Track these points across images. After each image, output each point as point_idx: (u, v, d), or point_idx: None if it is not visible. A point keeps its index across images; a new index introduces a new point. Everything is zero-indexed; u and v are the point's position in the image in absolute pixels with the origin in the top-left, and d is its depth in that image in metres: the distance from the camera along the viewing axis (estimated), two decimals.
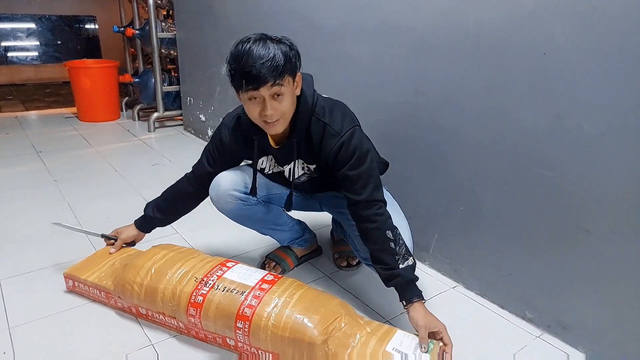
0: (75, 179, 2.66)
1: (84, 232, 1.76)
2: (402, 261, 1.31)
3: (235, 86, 1.21)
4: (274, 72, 1.16)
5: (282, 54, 1.18)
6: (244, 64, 1.15)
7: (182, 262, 1.42)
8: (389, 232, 1.32)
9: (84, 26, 6.22)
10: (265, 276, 1.34)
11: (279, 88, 1.19)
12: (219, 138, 1.49)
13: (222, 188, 1.48)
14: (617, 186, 1.20)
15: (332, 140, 1.32)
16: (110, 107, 4.13)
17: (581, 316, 1.35)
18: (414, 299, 1.28)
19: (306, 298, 1.26)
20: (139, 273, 1.40)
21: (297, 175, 1.48)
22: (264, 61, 1.15)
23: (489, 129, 1.48)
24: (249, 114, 1.26)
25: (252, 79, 1.15)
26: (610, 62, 1.16)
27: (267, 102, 1.20)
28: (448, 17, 1.53)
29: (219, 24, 2.99)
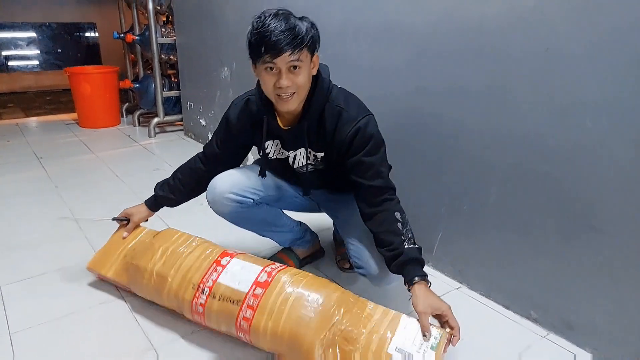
0: (76, 185, 2.66)
1: (93, 220, 1.72)
2: (407, 243, 1.27)
3: (253, 55, 1.21)
4: (293, 43, 1.16)
5: (303, 27, 1.18)
6: (263, 32, 1.16)
7: (182, 260, 1.39)
8: (397, 214, 1.30)
9: (84, 34, 6.24)
10: (259, 276, 1.27)
11: (296, 60, 1.19)
12: (226, 119, 1.49)
13: (218, 190, 1.47)
14: (623, 183, 1.19)
15: (347, 126, 1.31)
16: (110, 113, 4.13)
17: (588, 315, 1.33)
18: (414, 279, 1.21)
19: (301, 303, 1.19)
20: (144, 276, 1.41)
21: (301, 164, 1.45)
22: (284, 29, 1.15)
23: (492, 127, 1.47)
24: (264, 85, 1.25)
25: (270, 46, 1.16)
26: (613, 58, 1.15)
27: (283, 73, 1.20)
28: (449, 14, 1.53)
29: (219, 29, 2.99)
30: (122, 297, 1.58)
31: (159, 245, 1.46)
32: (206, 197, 1.51)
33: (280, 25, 1.15)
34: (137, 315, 1.49)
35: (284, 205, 1.63)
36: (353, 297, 1.25)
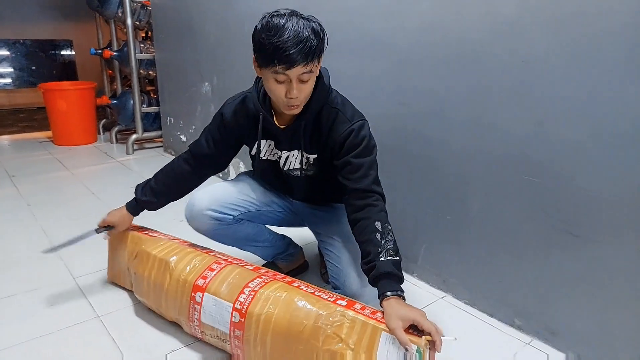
0: (49, 203, 2.58)
1: (79, 240, 1.59)
2: (384, 255, 1.19)
3: (264, 61, 1.17)
4: (307, 56, 1.14)
5: (314, 35, 1.15)
6: (277, 41, 1.11)
7: (164, 297, 1.39)
8: (378, 223, 1.24)
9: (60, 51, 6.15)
10: (232, 316, 1.23)
11: (308, 72, 1.17)
12: (220, 116, 1.44)
13: (197, 207, 1.44)
14: (600, 189, 1.21)
15: (342, 126, 1.30)
16: (87, 130, 4.05)
17: (570, 321, 1.34)
18: (387, 294, 1.12)
19: (278, 344, 1.17)
20: (142, 289, 1.48)
21: (292, 166, 1.43)
22: (298, 42, 1.12)
23: (474, 137, 1.49)
24: (273, 91, 1.22)
25: (284, 58, 1.13)
26: (588, 68, 1.19)
27: (293, 84, 1.18)
28: (430, 29, 1.55)
29: (199, 44, 2.98)
30: (98, 317, 1.52)
31: (141, 272, 1.47)
32: (184, 213, 1.47)
33: (296, 36, 1.11)
34: (114, 335, 1.43)
35: (266, 220, 1.60)
36: (329, 315, 1.15)
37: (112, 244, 1.70)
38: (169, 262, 1.39)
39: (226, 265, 1.36)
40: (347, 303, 1.17)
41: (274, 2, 2.24)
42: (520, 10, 1.30)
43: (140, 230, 1.63)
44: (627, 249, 1.19)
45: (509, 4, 1.32)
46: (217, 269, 1.34)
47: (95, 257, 1.90)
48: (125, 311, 1.56)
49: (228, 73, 2.77)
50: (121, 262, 1.64)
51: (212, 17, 2.80)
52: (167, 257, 1.41)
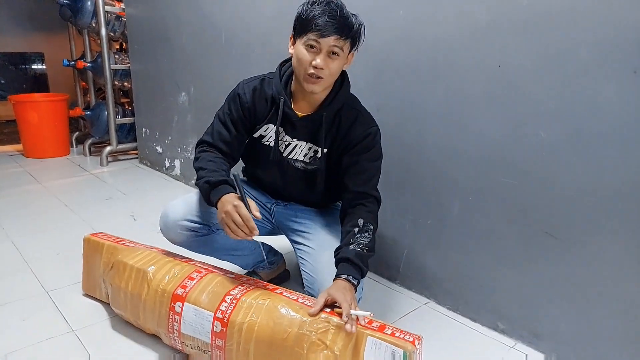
0: (20, 216, 2.49)
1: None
2: (354, 246, 1.24)
3: (300, 29, 1.24)
4: (344, 30, 1.21)
5: (354, 19, 1.25)
6: (319, 8, 1.21)
7: (142, 308, 1.34)
8: (360, 220, 1.29)
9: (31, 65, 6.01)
10: (214, 325, 1.21)
11: (339, 47, 1.23)
12: (237, 98, 1.41)
13: (171, 218, 1.40)
14: (578, 191, 1.24)
15: (361, 128, 1.36)
16: (59, 143, 3.94)
17: (553, 323, 1.35)
18: (341, 276, 1.18)
19: (261, 352, 1.14)
20: (119, 302, 1.43)
21: (296, 156, 1.43)
22: (337, 15, 1.20)
23: (451, 141, 1.51)
24: (300, 59, 1.26)
25: (321, 25, 1.20)
26: (562, 71, 1.22)
27: (322, 54, 1.23)
28: (404, 34, 1.58)
29: (175, 54, 2.96)
30: (73, 331, 1.46)
31: (117, 284, 1.42)
32: (159, 225, 1.43)
33: (335, 11, 1.20)
34: (90, 349, 1.38)
35: None
36: (314, 322, 1.13)
37: (86, 255, 1.64)
38: (147, 272, 1.35)
39: (206, 273, 1.33)
40: (330, 310, 1.16)
41: (252, 11, 2.25)
42: (493, 15, 1.33)
43: (115, 241, 1.58)
44: (607, 251, 1.21)
45: (482, 9, 1.35)
46: (197, 277, 1.31)
47: (68, 269, 1.85)
48: (101, 325, 1.50)
49: (205, 82, 2.75)
50: (96, 274, 1.58)
51: (188, 27, 2.78)
52: (144, 267, 1.37)
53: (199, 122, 2.85)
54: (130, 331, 1.46)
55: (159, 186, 3.12)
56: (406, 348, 1.06)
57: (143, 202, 2.77)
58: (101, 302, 1.61)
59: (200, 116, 2.83)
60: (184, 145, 3.04)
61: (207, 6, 2.56)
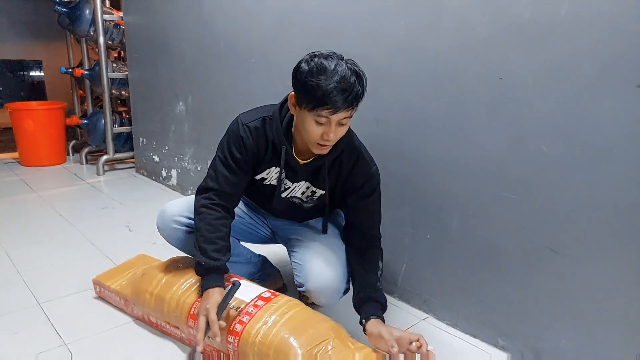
0: (14, 226, 2.46)
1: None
2: (381, 286, 1.37)
3: (309, 103, 1.16)
4: (352, 102, 1.16)
5: (358, 81, 1.17)
6: (328, 87, 1.12)
7: (191, 274, 1.42)
8: (380, 263, 1.41)
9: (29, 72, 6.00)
10: (262, 293, 1.33)
11: (349, 118, 1.20)
12: (240, 140, 1.33)
13: (168, 214, 1.43)
14: (578, 205, 1.22)
15: (364, 170, 1.36)
16: (55, 151, 3.92)
17: (554, 340, 1.33)
18: (372, 316, 1.27)
19: (297, 318, 1.24)
20: (152, 282, 1.45)
21: (294, 194, 1.44)
22: (345, 88, 1.13)
23: (451, 154, 1.49)
24: (309, 132, 1.21)
25: (332, 104, 1.13)
26: (564, 85, 1.21)
27: (332, 127, 1.19)
28: (405, 46, 1.57)
29: (174, 63, 2.95)
30: (65, 344, 1.43)
31: (175, 262, 1.53)
32: (156, 222, 1.45)
33: (344, 82, 1.13)
34: None
35: (239, 232, 1.57)
36: (347, 334, 1.28)
37: (129, 262, 1.77)
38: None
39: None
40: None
41: (251, 20, 2.24)
42: (495, 27, 1.32)
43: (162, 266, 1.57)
44: (610, 267, 1.19)
45: (483, 21, 1.34)
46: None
47: (62, 281, 1.82)
48: (93, 338, 1.47)
49: (204, 92, 2.74)
50: (124, 274, 1.68)
51: (187, 35, 2.78)
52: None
53: (196, 132, 2.83)
54: (122, 346, 1.44)
55: (156, 196, 3.09)
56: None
57: (139, 212, 2.74)
58: (94, 316, 1.58)
59: (198, 126, 2.82)
60: (180, 155, 3.02)
61: (206, 15, 2.56)
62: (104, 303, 1.67)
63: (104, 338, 1.48)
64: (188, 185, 3.01)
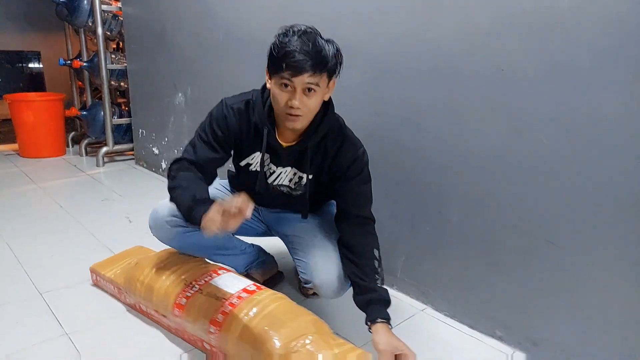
0: (14, 217, 2.47)
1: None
2: (380, 282, 1.31)
3: (272, 68, 1.18)
4: (316, 66, 1.14)
5: (328, 52, 1.16)
6: (287, 48, 1.13)
7: (181, 265, 1.46)
8: (376, 251, 1.34)
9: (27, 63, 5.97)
10: (247, 286, 1.36)
11: (314, 83, 1.16)
12: (224, 119, 1.33)
13: (161, 214, 1.40)
14: (578, 198, 1.22)
15: (348, 153, 1.34)
16: (55, 143, 3.92)
17: (551, 331, 1.34)
18: (378, 320, 1.22)
19: (278, 311, 1.26)
20: (143, 272, 1.48)
21: (281, 182, 1.42)
22: (309, 50, 1.13)
23: (451, 146, 1.49)
24: (276, 99, 1.21)
25: (293, 64, 1.13)
26: (565, 76, 1.20)
27: (297, 93, 1.17)
28: (405, 38, 1.56)
29: (173, 54, 2.94)
30: (66, 334, 1.44)
31: (168, 253, 1.55)
32: (148, 222, 1.43)
33: (306, 45, 1.13)
34: (83, 352, 1.36)
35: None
36: (329, 329, 1.27)
37: (125, 252, 1.82)
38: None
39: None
40: None
41: (250, 10, 2.23)
42: (496, 18, 1.32)
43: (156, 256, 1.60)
44: (609, 259, 1.20)
45: (484, 12, 1.34)
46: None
47: (63, 271, 1.83)
48: (94, 328, 1.48)
49: (203, 83, 2.73)
50: (119, 263, 1.72)
51: (186, 27, 2.77)
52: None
53: (195, 123, 2.80)
54: (124, 336, 1.45)
55: (155, 188, 3.10)
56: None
57: (139, 203, 2.74)
58: (96, 306, 1.60)
59: (197, 117, 2.80)
60: (180, 147, 3.02)
61: (205, 5, 2.54)
62: (105, 293, 1.68)
63: (105, 328, 1.49)
64: None
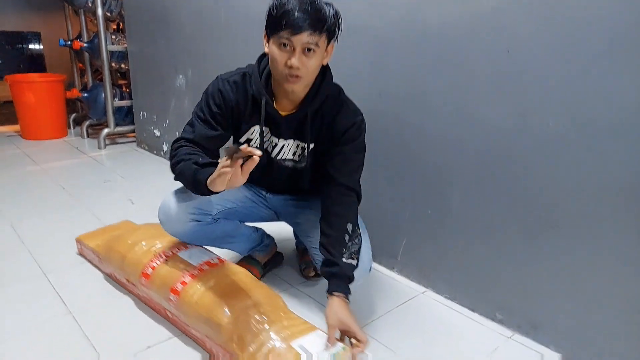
0: (17, 198, 2.47)
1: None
2: (347, 257, 1.27)
3: (271, 28, 1.16)
4: (316, 25, 1.13)
5: (328, 12, 1.16)
6: (288, 5, 1.12)
7: (155, 238, 1.51)
8: (350, 225, 1.30)
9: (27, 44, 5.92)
10: (211, 259, 1.42)
11: (313, 43, 1.15)
12: (219, 94, 1.31)
13: (174, 210, 1.36)
14: (583, 181, 1.22)
15: (346, 118, 1.32)
16: (56, 124, 3.91)
17: (552, 314, 1.35)
18: (334, 293, 1.22)
19: (235, 283, 1.31)
20: (120, 243, 1.56)
21: (285, 156, 1.40)
22: (308, 9, 1.12)
23: (455, 128, 1.48)
24: (275, 60, 1.19)
25: (290, 23, 1.12)
26: (573, 58, 1.19)
27: (296, 53, 1.16)
28: (409, 16, 1.54)
29: (174, 36, 2.91)
30: (71, 313, 1.46)
31: (150, 227, 1.62)
32: (158, 216, 1.40)
33: (305, 4, 1.12)
34: (87, 331, 1.37)
35: (241, 216, 1.56)
36: (284, 304, 1.31)
37: (113, 225, 1.93)
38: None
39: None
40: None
41: None
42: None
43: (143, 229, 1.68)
44: (611, 244, 1.20)
45: None
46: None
47: (66, 252, 1.85)
48: (98, 307, 1.50)
49: (204, 65, 2.71)
50: (105, 236, 1.77)
51: (187, 7, 2.73)
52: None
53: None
54: (127, 314, 1.47)
55: (157, 170, 3.10)
56: (347, 345, 1.17)
57: (141, 186, 2.75)
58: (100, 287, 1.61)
59: (198, 100, 2.79)
60: (181, 129, 3.00)
61: None
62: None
63: (109, 307, 1.51)
64: None
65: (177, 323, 1.37)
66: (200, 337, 1.29)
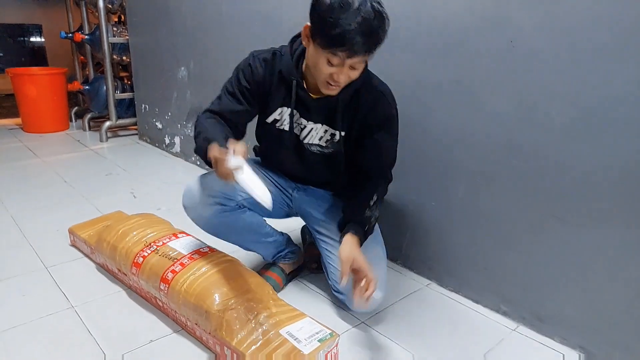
0: (19, 191, 2.47)
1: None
2: (370, 212, 1.31)
3: (325, 38, 1.09)
4: (372, 48, 1.11)
5: (381, 26, 1.10)
6: (349, 25, 1.05)
7: (145, 228, 1.56)
8: (376, 195, 1.34)
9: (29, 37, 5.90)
10: (201, 248, 1.44)
11: (364, 62, 1.14)
12: (249, 68, 1.31)
13: (198, 193, 1.33)
14: (588, 173, 1.20)
15: (385, 109, 1.32)
16: (58, 117, 3.90)
17: (557, 307, 1.34)
18: (349, 232, 1.24)
19: (224, 272, 1.32)
20: (111, 233, 1.57)
21: (312, 140, 1.37)
22: (367, 32, 1.07)
23: (459, 121, 1.47)
24: (319, 69, 1.16)
25: (350, 46, 1.08)
26: (577, 50, 1.17)
27: (345, 69, 1.14)
28: (413, 8, 1.52)
29: (175, 28, 2.89)
30: (73, 307, 1.45)
31: (140, 217, 1.66)
32: (182, 202, 1.36)
33: (367, 26, 1.06)
34: (89, 325, 1.37)
35: (265, 211, 1.44)
36: (273, 292, 1.34)
37: (105, 215, 1.97)
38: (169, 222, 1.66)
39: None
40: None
41: None
42: None
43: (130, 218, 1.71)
44: (614, 234, 1.18)
45: None
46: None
47: (67, 246, 1.84)
48: (100, 301, 1.49)
49: (205, 57, 2.69)
50: (95, 227, 1.81)
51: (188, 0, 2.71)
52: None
53: (198, 98, 2.80)
54: (129, 308, 1.46)
55: (159, 163, 3.09)
56: (335, 332, 1.20)
57: (143, 178, 2.74)
58: (101, 280, 1.61)
59: (200, 92, 2.78)
60: (183, 121, 2.99)
61: None
62: None
63: (111, 301, 1.50)
64: (191, 153, 3.00)
65: (168, 312, 1.38)
66: (190, 326, 1.30)
